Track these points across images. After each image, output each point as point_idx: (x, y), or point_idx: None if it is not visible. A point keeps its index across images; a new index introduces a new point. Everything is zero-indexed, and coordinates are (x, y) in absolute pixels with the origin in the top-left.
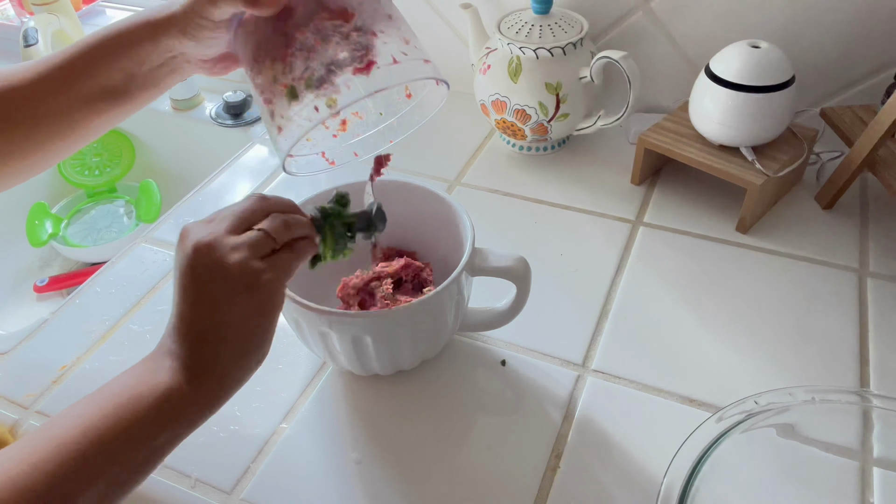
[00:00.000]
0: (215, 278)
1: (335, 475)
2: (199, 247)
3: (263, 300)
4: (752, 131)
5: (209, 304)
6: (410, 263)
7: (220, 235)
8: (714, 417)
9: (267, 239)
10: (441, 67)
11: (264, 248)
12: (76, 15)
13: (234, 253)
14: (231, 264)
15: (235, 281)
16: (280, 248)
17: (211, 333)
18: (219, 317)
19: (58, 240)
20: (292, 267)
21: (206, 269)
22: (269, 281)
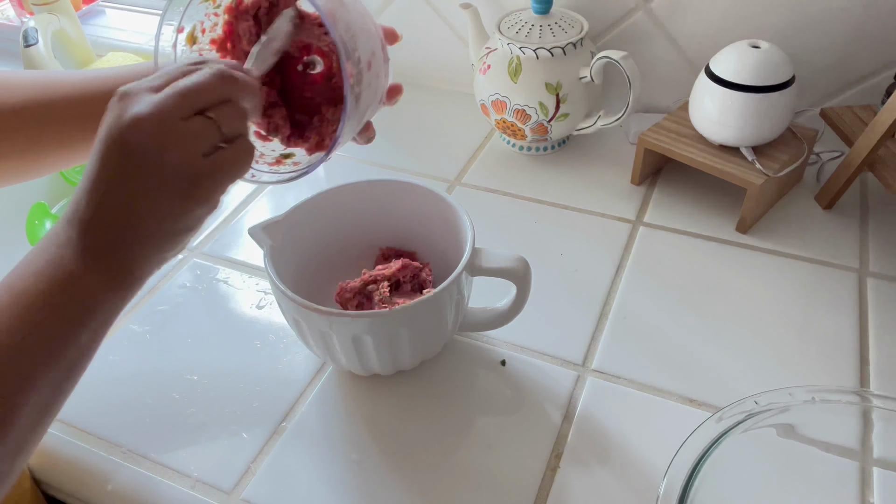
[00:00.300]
0: (147, 167)
1: (335, 475)
2: (138, 122)
3: (194, 205)
4: (752, 131)
5: (130, 196)
6: (408, 264)
7: (165, 114)
8: (714, 417)
9: (215, 133)
10: (441, 67)
11: (210, 143)
12: (76, 15)
13: (176, 144)
14: (170, 158)
15: (169, 178)
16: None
17: (130, 228)
18: (138, 213)
19: None
20: (241, 171)
21: (140, 153)
22: (207, 187)
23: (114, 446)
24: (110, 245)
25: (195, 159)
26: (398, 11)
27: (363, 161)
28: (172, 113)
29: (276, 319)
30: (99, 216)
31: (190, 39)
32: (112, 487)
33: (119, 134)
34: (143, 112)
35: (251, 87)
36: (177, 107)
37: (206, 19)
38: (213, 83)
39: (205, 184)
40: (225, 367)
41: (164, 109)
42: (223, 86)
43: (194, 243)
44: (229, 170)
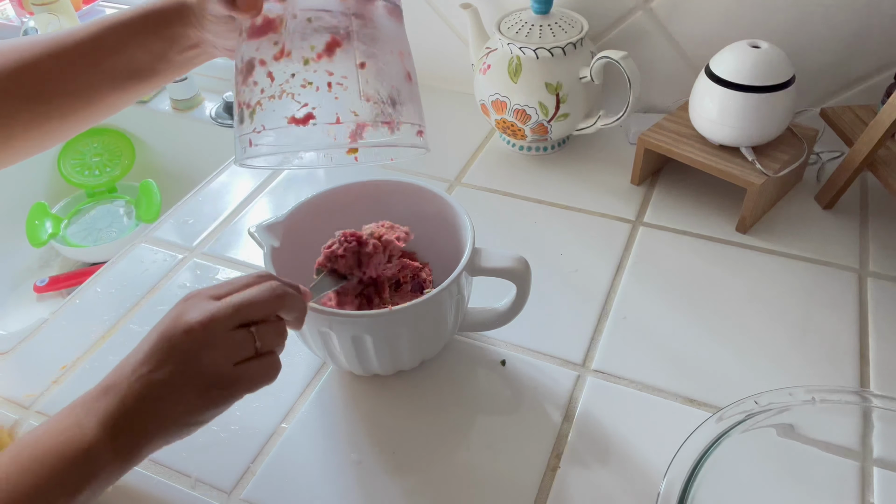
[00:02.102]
0: (183, 365)
1: (335, 475)
2: (190, 328)
3: (212, 405)
4: (752, 131)
5: (167, 386)
6: (407, 265)
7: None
8: (714, 417)
9: (250, 347)
10: (441, 67)
11: (244, 354)
12: (76, 15)
13: (214, 349)
14: (204, 363)
15: (197, 376)
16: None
17: (153, 410)
18: (165, 402)
19: (58, 240)
20: (258, 385)
21: (183, 352)
22: (226, 393)
23: None
24: (133, 428)
25: (224, 366)
26: None
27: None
28: (221, 324)
29: None
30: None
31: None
32: (112, 487)
33: (172, 334)
34: (196, 320)
35: (299, 306)
36: (227, 318)
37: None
38: (265, 300)
39: (224, 390)
40: None
41: (216, 317)
42: (274, 304)
43: (194, 243)
44: (251, 381)
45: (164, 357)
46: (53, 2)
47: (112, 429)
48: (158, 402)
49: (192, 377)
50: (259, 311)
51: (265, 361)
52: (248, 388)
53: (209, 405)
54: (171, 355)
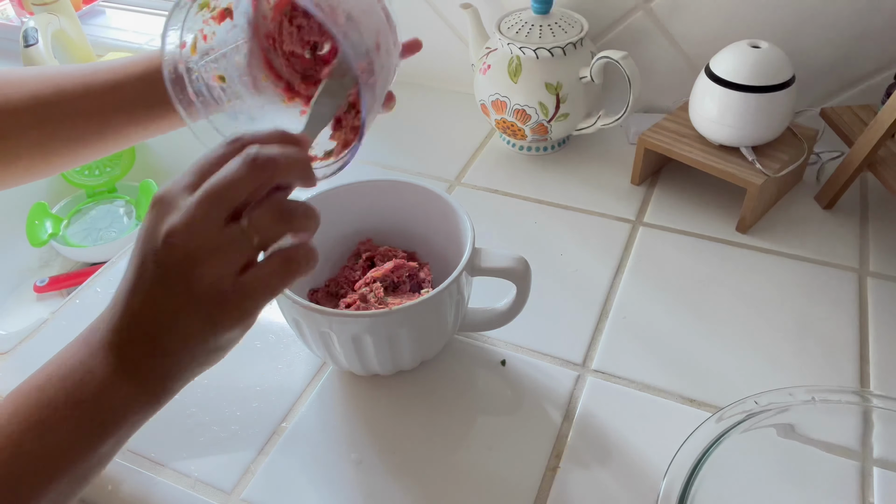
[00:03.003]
0: (176, 286)
1: (335, 475)
2: (170, 235)
3: (222, 329)
4: (752, 131)
5: (164, 316)
6: (402, 265)
7: (197, 225)
8: (714, 417)
9: (248, 247)
10: (441, 67)
11: (243, 260)
12: (76, 15)
13: (207, 261)
14: (199, 278)
15: (197, 300)
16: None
17: (160, 343)
18: (171, 331)
19: (58, 240)
20: (276, 291)
21: (169, 274)
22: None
23: None
24: (142, 359)
25: (223, 281)
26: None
27: (363, 161)
28: (205, 223)
29: (276, 319)
30: (132, 328)
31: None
32: (112, 488)
33: (152, 248)
34: (175, 225)
35: (292, 162)
36: (208, 215)
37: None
38: (245, 175)
39: (231, 310)
40: (225, 367)
41: (194, 222)
42: (258, 175)
43: None
44: (258, 294)
45: (151, 281)
46: (53, 2)
47: (125, 364)
48: (163, 333)
49: (193, 303)
50: (241, 192)
51: (270, 262)
52: (257, 303)
53: (218, 330)
54: (158, 278)
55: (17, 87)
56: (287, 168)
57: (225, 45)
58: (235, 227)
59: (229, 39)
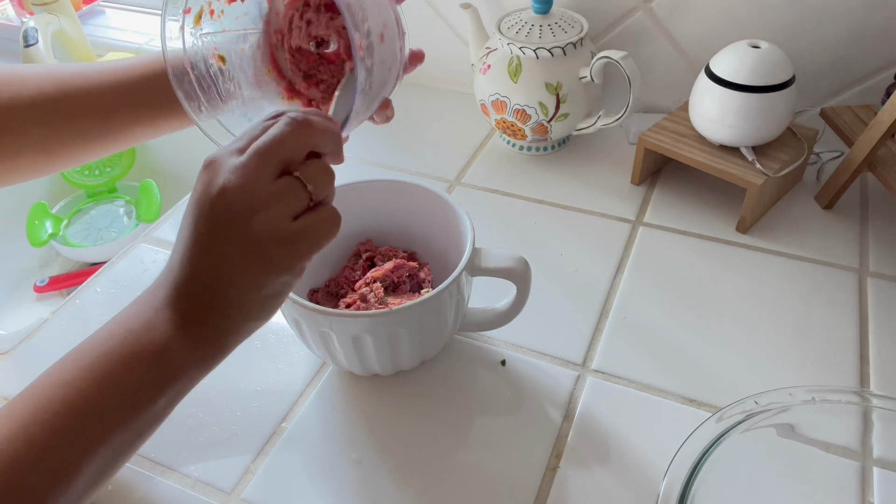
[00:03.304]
0: (237, 236)
1: (335, 475)
2: (224, 192)
3: (277, 272)
4: (752, 131)
5: (224, 263)
6: (402, 265)
7: (251, 180)
8: (714, 417)
9: (303, 193)
10: (441, 67)
11: (298, 206)
12: (76, 15)
13: (264, 209)
14: (256, 225)
15: (253, 245)
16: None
17: (220, 294)
18: (231, 278)
19: (58, 240)
20: (328, 236)
21: (228, 223)
22: (289, 255)
23: None
24: (202, 313)
25: (281, 224)
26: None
27: (363, 161)
28: (258, 176)
29: (276, 319)
30: (193, 282)
31: (197, 20)
32: (112, 488)
33: (209, 205)
34: (229, 180)
35: (331, 132)
36: (260, 169)
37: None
38: (291, 133)
39: (287, 251)
40: (225, 368)
41: (248, 175)
42: (302, 134)
43: None
44: (314, 237)
45: (209, 233)
46: (53, 2)
47: (185, 320)
48: (223, 283)
49: (249, 246)
50: (291, 147)
51: (325, 211)
52: (314, 245)
53: (278, 271)
54: (217, 228)
55: (21, 84)
56: (323, 132)
57: (231, 27)
58: (288, 178)
59: (237, 25)
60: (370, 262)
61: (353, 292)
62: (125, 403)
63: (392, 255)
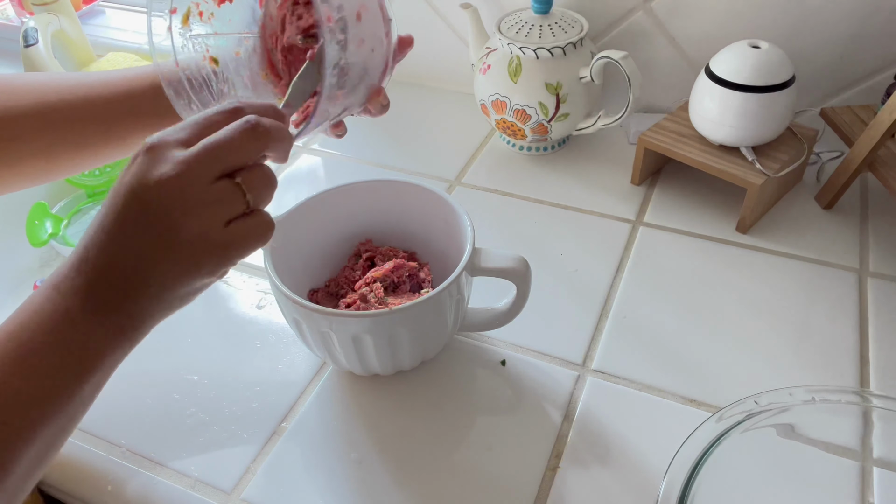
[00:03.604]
0: (163, 232)
1: (335, 475)
2: (162, 184)
3: (204, 275)
4: (752, 131)
5: (146, 256)
6: (402, 265)
7: (192, 177)
8: (714, 417)
9: (241, 201)
10: (441, 67)
11: (234, 213)
12: (76, 15)
13: (198, 211)
14: (188, 226)
15: (183, 246)
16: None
17: (137, 286)
18: (151, 274)
19: (58, 240)
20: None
21: (158, 217)
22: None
23: (114, 446)
24: (118, 300)
25: (213, 230)
26: (398, 11)
27: (363, 161)
28: (198, 176)
29: (276, 319)
30: (109, 270)
31: (185, 20)
32: (112, 488)
33: (142, 192)
34: (168, 174)
35: (282, 137)
36: (203, 169)
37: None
38: (243, 140)
39: (216, 257)
40: (225, 367)
41: (189, 173)
42: (256, 142)
43: None
44: (243, 245)
45: (135, 223)
46: (53, 2)
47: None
48: (141, 275)
49: (177, 247)
50: (237, 156)
51: (258, 218)
52: (241, 252)
53: (202, 275)
54: (147, 221)
55: (23, 92)
56: (277, 141)
57: (223, 30)
58: (229, 183)
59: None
60: (370, 262)
61: (353, 292)
62: (49, 394)
63: (392, 255)
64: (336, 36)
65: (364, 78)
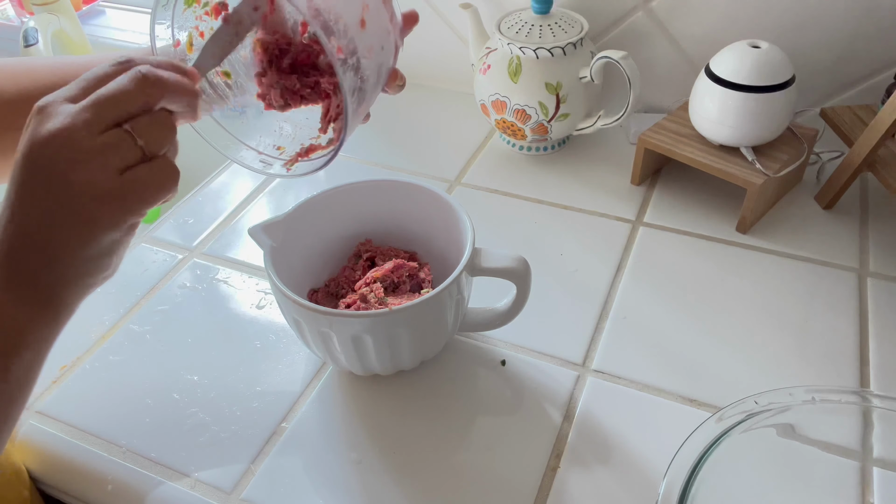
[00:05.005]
0: (56, 188)
1: (335, 475)
2: (48, 139)
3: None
4: (752, 131)
5: (46, 217)
6: (402, 265)
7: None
8: (714, 417)
9: (132, 147)
10: (441, 67)
11: (126, 160)
12: (76, 15)
13: (85, 161)
14: (76, 177)
15: (74, 199)
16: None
17: (46, 252)
18: (53, 234)
19: None
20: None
21: (46, 171)
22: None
23: (114, 446)
24: (31, 272)
25: (104, 178)
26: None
27: (363, 161)
28: (85, 127)
29: (276, 319)
30: (17, 241)
31: (189, 48)
32: (112, 487)
33: (29, 152)
34: (53, 128)
35: (181, 89)
36: (90, 120)
37: (199, 23)
38: (132, 89)
39: (112, 206)
40: (225, 367)
41: (75, 123)
42: (146, 91)
43: (194, 243)
44: (143, 191)
45: (28, 184)
46: (53, 2)
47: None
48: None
49: (69, 199)
50: (127, 104)
51: (157, 164)
52: (143, 199)
53: (102, 228)
54: (36, 179)
55: (28, 79)
56: (175, 91)
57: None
58: (116, 131)
59: None
60: (370, 262)
61: (353, 292)
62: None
63: (392, 255)
64: (349, 66)
65: (380, 77)
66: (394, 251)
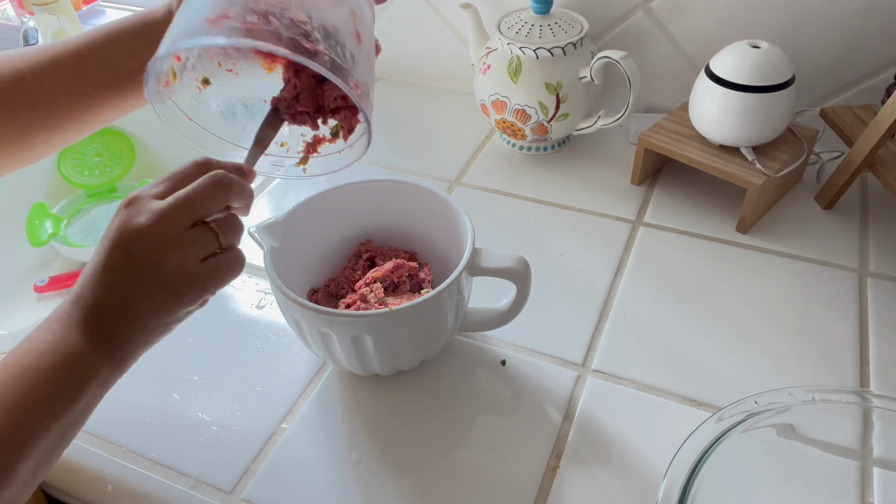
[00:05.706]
0: (147, 272)
1: (335, 475)
2: (142, 233)
3: (186, 304)
4: (752, 131)
5: (132, 293)
6: (402, 265)
7: (167, 226)
8: (714, 417)
9: (214, 241)
10: (441, 67)
11: (208, 250)
12: (76, 15)
13: (175, 252)
14: (168, 264)
15: (165, 281)
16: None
17: (127, 318)
18: (138, 307)
19: (58, 240)
20: (233, 274)
21: (142, 260)
22: (197, 291)
23: (114, 446)
24: (111, 331)
25: (190, 265)
26: (398, 11)
27: (363, 161)
28: (173, 224)
29: (276, 319)
30: (102, 306)
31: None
32: (112, 487)
33: (123, 242)
34: (145, 224)
35: (244, 191)
36: (177, 218)
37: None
38: (210, 193)
39: (196, 288)
40: (225, 367)
41: (165, 222)
42: (219, 194)
43: None
44: (220, 277)
45: (122, 266)
46: (53, 2)
47: (95, 335)
48: (131, 310)
49: (160, 281)
50: (208, 206)
51: (231, 254)
52: (218, 283)
53: (182, 304)
54: (130, 265)
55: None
56: (241, 193)
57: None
58: (200, 227)
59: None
60: (370, 262)
61: (353, 292)
62: (49, 410)
63: (392, 255)
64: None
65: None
66: (394, 251)
